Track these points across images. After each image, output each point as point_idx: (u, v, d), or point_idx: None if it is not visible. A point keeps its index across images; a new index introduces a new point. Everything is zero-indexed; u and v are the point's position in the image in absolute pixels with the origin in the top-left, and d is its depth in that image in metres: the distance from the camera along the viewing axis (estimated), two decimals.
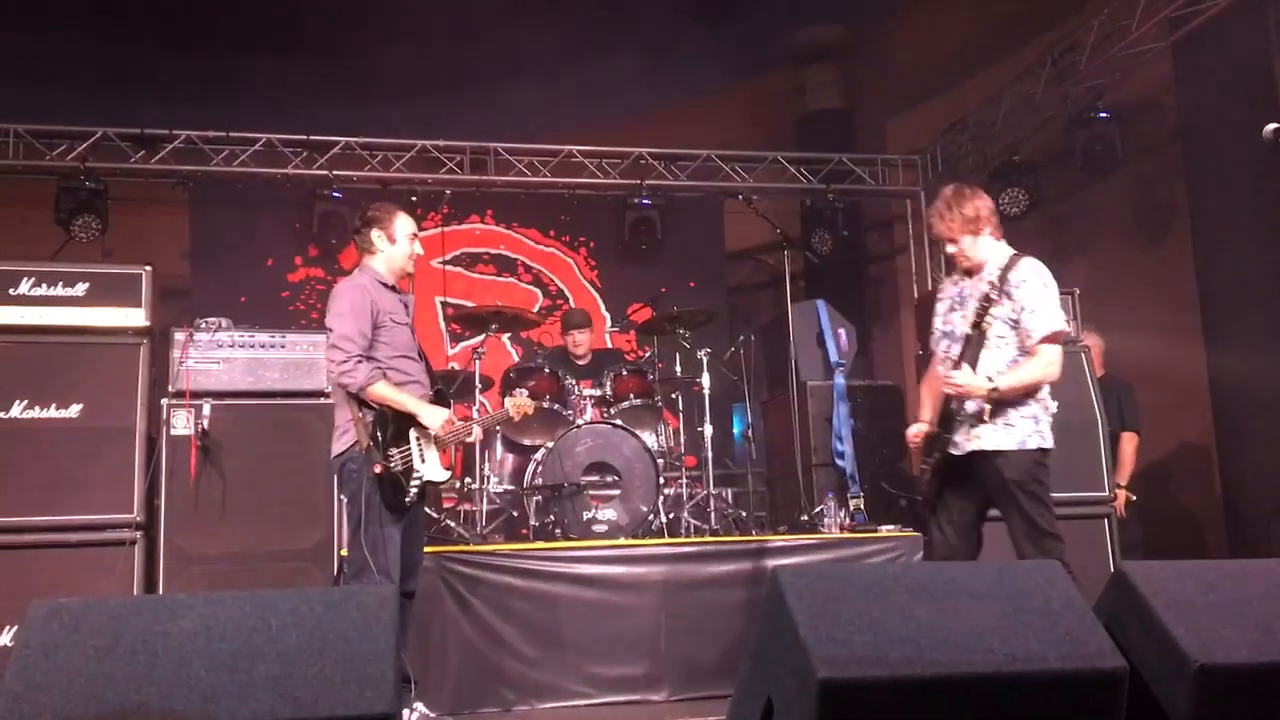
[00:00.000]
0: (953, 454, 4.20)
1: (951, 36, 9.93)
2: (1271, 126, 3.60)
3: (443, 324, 9.70)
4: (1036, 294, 4.16)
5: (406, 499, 4.25)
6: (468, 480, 6.46)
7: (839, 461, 6.84)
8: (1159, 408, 7.47)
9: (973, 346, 4.13)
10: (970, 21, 9.65)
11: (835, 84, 11.33)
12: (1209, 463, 7.70)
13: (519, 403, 4.99)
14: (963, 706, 2.49)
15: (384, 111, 9.53)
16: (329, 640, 2.43)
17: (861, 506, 6.23)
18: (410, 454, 4.31)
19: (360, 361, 4.23)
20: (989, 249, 4.32)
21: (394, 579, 4.13)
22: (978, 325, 4.09)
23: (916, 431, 4.36)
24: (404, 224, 4.57)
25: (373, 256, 4.53)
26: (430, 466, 4.38)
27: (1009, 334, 4.16)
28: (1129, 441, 6.65)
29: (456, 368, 8.38)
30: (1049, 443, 4.20)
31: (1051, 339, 4.13)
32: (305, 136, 8.95)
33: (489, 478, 6.36)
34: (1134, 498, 6.61)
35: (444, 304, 9.66)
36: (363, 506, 4.15)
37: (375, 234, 4.52)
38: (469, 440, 4.76)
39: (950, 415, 4.20)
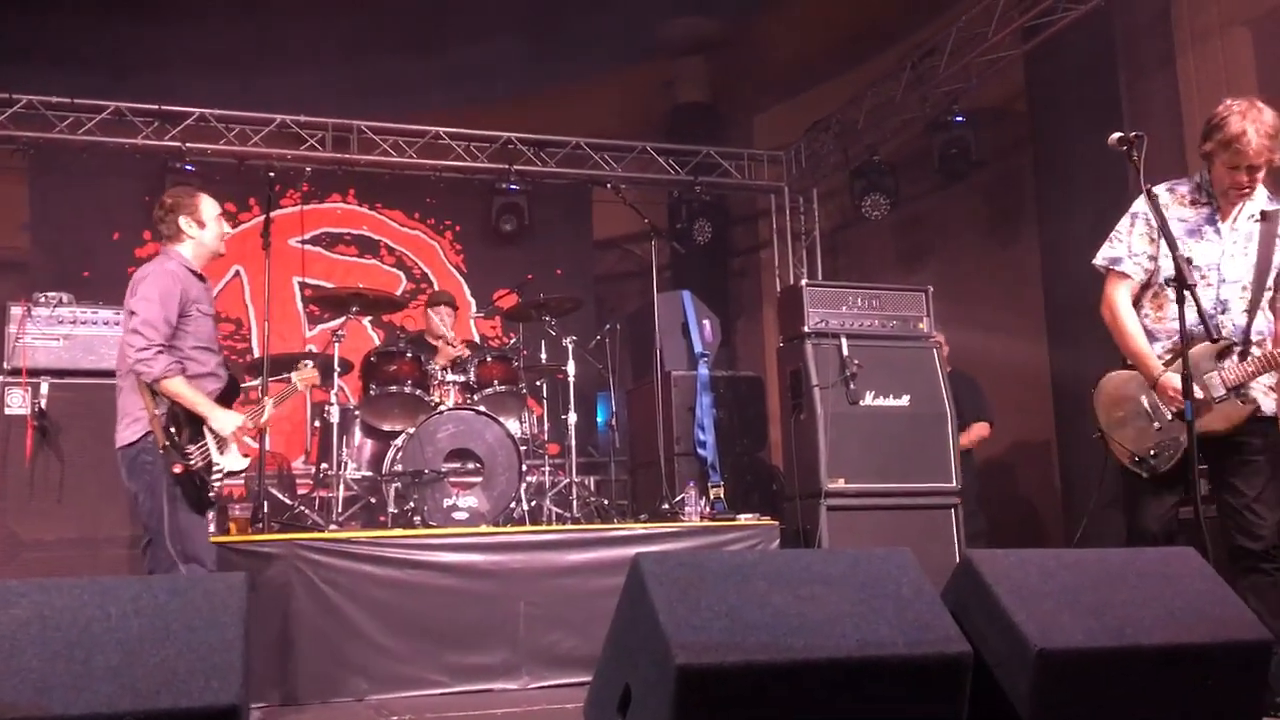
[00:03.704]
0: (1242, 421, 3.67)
1: (818, 35, 10.12)
2: (1116, 135, 3.73)
3: (300, 305, 9.44)
4: None
5: (210, 494, 4.19)
6: (324, 466, 6.30)
7: (700, 450, 6.93)
8: (1004, 403, 7.78)
9: (1255, 295, 3.70)
10: (836, 22, 9.85)
11: (705, 78, 11.44)
12: (1049, 456, 8.06)
13: (304, 375, 4.90)
14: (816, 690, 2.54)
15: (242, 82, 9.19)
16: (173, 629, 2.34)
17: (721, 495, 6.31)
18: (208, 449, 4.22)
19: (160, 352, 4.13)
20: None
21: (209, 564, 4.08)
22: None
23: (1177, 387, 3.60)
24: (210, 206, 4.50)
25: (181, 243, 4.43)
26: (230, 457, 4.31)
27: (1273, 285, 3.77)
28: (981, 427, 6.94)
29: (314, 350, 8.17)
30: None
31: None
32: (157, 106, 8.59)
33: (346, 463, 6.21)
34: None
35: (302, 285, 9.40)
36: (163, 500, 4.05)
37: (184, 221, 4.42)
38: (261, 423, 4.63)
39: (1246, 381, 3.66)
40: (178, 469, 4.04)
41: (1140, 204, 3.90)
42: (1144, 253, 3.90)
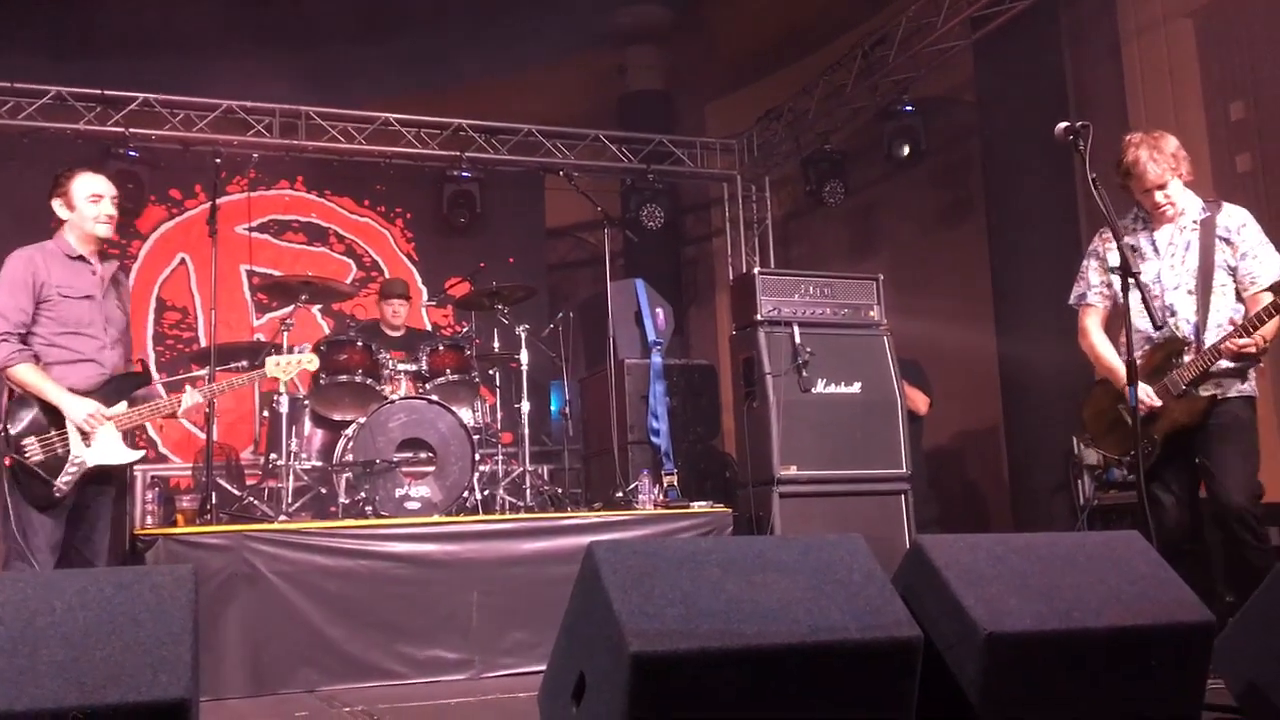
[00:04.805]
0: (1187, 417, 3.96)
1: (770, 24, 10.16)
2: (1062, 125, 3.78)
3: (248, 293, 9.31)
4: (1258, 238, 4.00)
5: (54, 489, 4.07)
6: (273, 456, 6.23)
7: (654, 439, 6.94)
8: (953, 390, 7.88)
9: (1202, 296, 3.96)
10: (788, 10, 9.89)
11: (657, 66, 11.44)
12: (997, 442, 8.17)
13: (289, 360, 4.78)
14: (770, 676, 2.55)
15: (187, 67, 9.03)
16: (119, 623, 2.30)
17: (675, 483, 6.32)
18: (65, 439, 4.12)
19: (3, 340, 4.07)
20: (1188, 194, 4.10)
21: (41, 566, 3.98)
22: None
23: (1149, 396, 3.95)
24: (83, 184, 4.33)
25: (63, 227, 4.35)
26: (100, 449, 4.18)
27: (1229, 281, 4.00)
28: (916, 392, 7.03)
29: (262, 339, 8.07)
30: None
31: None
32: (99, 90, 8.42)
33: (296, 454, 6.14)
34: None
35: (250, 273, 9.28)
36: (5, 490, 3.99)
37: (56, 203, 4.35)
38: (178, 413, 4.51)
39: (1203, 374, 3.93)
40: (6, 461, 3.98)
41: (1094, 243, 4.32)
42: (1101, 282, 4.27)
